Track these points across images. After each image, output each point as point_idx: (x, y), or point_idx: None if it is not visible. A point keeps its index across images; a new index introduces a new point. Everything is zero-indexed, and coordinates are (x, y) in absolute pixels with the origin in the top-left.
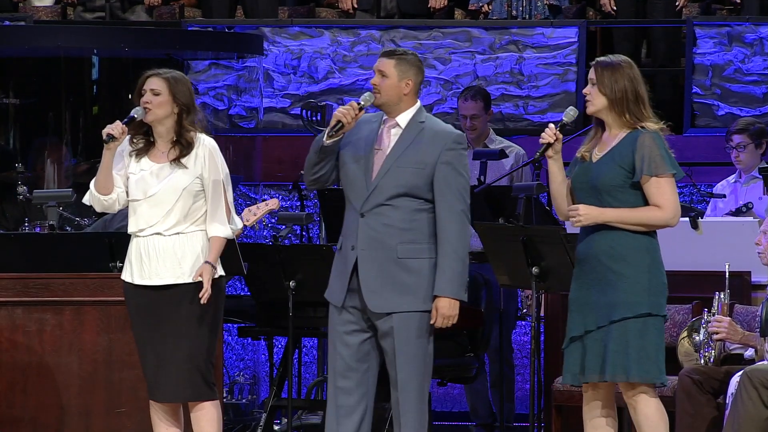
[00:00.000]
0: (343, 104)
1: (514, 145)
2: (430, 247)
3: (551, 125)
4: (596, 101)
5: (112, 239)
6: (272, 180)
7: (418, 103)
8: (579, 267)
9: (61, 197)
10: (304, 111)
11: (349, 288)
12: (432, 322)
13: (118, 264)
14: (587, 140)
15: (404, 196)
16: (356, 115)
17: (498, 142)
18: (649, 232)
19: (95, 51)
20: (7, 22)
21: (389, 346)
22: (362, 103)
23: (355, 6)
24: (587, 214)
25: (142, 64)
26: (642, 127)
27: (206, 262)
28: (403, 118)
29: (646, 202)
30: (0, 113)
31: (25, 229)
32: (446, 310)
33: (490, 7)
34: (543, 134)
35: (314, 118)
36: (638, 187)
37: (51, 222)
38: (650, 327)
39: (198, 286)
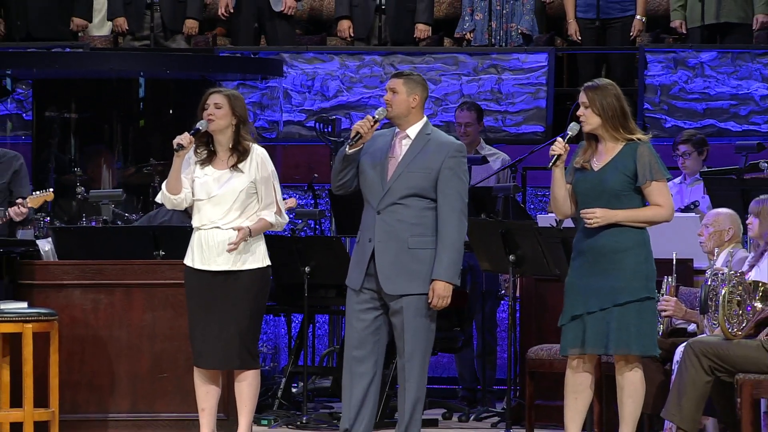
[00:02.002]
0: (350, 118)
1: (500, 152)
2: (436, 240)
3: (559, 139)
4: (591, 120)
5: (156, 232)
6: (290, 182)
7: (425, 118)
8: (581, 258)
9: (113, 196)
10: (317, 124)
11: (366, 273)
12: (429, 301)
13: (161, 253)
14: (581, 152)
15: (414, 197)
16: (372, 126)
17: (487, 150)
18: (643, 228)
19: (141, 73)
20: (68, 49)
21: (399, 323)
22: (377, 116)
23: (352, 35)
24: (604, 216)
25: (180, 84)
26: (638, 139)
27: (248, 227)
28: (413, 131)
29: (644, 203)
30: (63, 126)
31: (82, 223)
32: (441, 291)
33: (473, 36)
34: (554, 147)
35: (326, 130)
36: (639, 191)
37: (104, 217)
38: (647, 308)
39: (248, 272)
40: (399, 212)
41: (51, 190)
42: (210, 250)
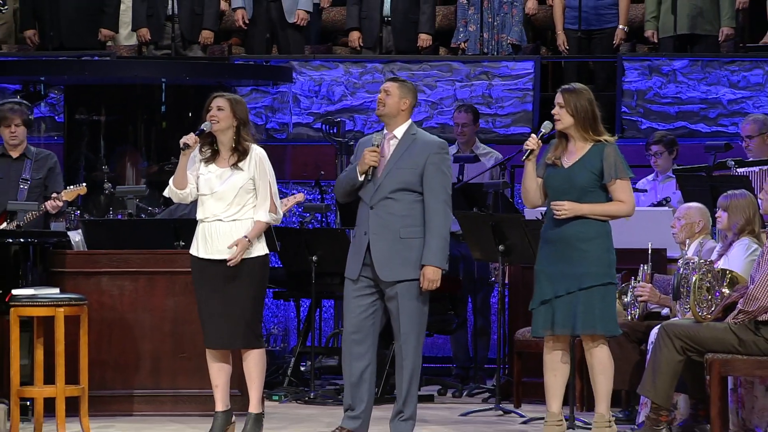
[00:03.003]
0: (353, 120)
1: (494, 151)
2: (424, 229)
3: (533, 135)
4: (564, 120)
5: (177, 224)
6: (299, 179)
7: (410, 121)
8: (549, 246)
9: (138, 192)
10: (323, 125)
11: (363, 263)
12: (420, 285)
13: (181, 243)
14: (552, 149)
15: (403, 191)
16: (377, 153)
17: (482, 149)
18: (606, 221)
19: (163, 80)
20: (96, 57)
21: (394, 307)
22: (376, 143)
23: (361, 44)
24: (572, 208)
25: (199, 90)
26: (605, 140)
27: (245, 236)
28: (399, 131)
29: (608, 199)
30: (91, 127)
31: (109, 216)
32: (431, 275)
33: (466, 45)
34: (527, 142)
35: (332, 131)
36: (604, 188)
37: (129, 211)
38: (610, 292)
39: (248, 260)
40: (390, 206)
41: (84, 184)
42: (213, 241)
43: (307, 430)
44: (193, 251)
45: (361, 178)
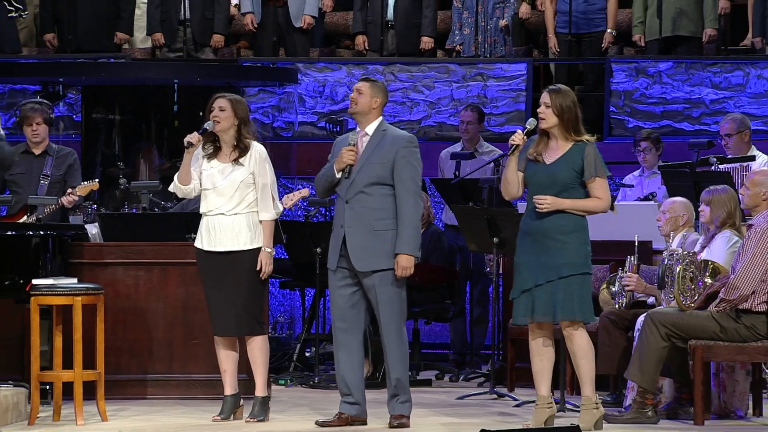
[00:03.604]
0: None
1: (496, 149)
2: (396, 221)
3: (519, 131)
4: (550, 119)
5: (188, 218)
6: (304, 174)
7: (381, 118)
8: (529, 238)
9: (151, 187)
10: (327, 124)
11: (341, 255)
12: (396, 273)
13: (192, 236)
14: (533, 145)
15: (375, 185)
16: (353, 151)
17: (485, 147)
18: (584, 216)
19: (175, 81)
20: (112, 60)
21: (373, 297)
22: (352, 142)
23: (367, 48)
24: (553, 203)
25: (209, 90)
26: (586, 140)
27: (264, 248)
28: (371, 128)
29: (585, 195)
30: (107, 126)
31: (124, 210)
32: (404, 263)
33: (462, 48)
34: (513, 138)
35: (335, 129)
36: (584, 185)
37: (144, 205)
38: (587, 281)
39: (250, 251)
40: (363, 200)
41: (96, 180)
42: (216, 234)
43: (311, 413)
44: (197, 244)
45: (338, 176)
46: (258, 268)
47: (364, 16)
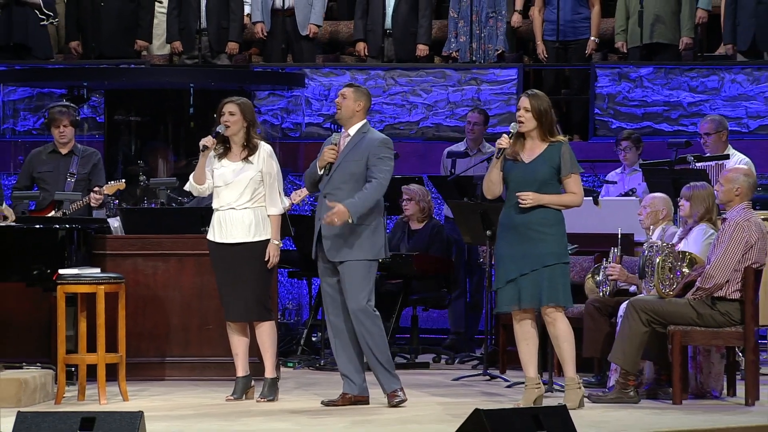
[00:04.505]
0: None
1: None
2: (370, 216)
3: (505, 135)
4: (529, 123)
5: (203, 212)
6: None
7: (365, 121)
8: (511, 231)
9: (169, 183)
10: (332, 125)
11: (317, 246)
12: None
13: (207, 229)
14: (510, 146)
15: (350, 182)
16: (335, 151)
17: (488, 147)
18: (560, 210)
19: (191, 85)
20: (132, 65)
21: (342, 285)
22: (334, 142)
23: (367, 54)
24: (535, 198)
25: (223, 94)
26: (560, 140)
27: (272, 240)
28: (353, 130)
29: (561, 191)
30: (128, 127)
31: (144, 205)
32: (340, 213)
33: (458, 54)
34: (500, 141)
35: (339, 130)
36: (560, 181)
37: (161, 200)
38: (567, 270)
39: (258, 243)
40: (339, 195)
41: (123, 180)
42: (227, 227)
43: (317, 392)
44: (209, 237)
45: (320, 172)
46: (266, 259)
47: (364, 24)
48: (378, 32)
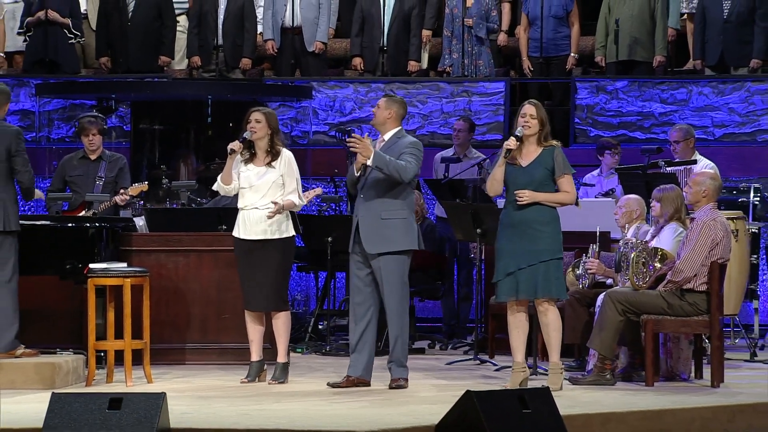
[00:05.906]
0: (361, 129)
1: (482, 154)
2: (402, 211)
3: (513, 138)
4: (534, 128)
5: (220, 212)
6: (318, 175)
7: (400, 127)
8: (511, 228)
9: (189, 186)
10: (337, 133)
11: (354, 240)
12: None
13: (224, 227)
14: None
15: (383, 180)
16: (363, 142)
17: (474, 153)
18: (555, 208)
19: (209, 97)
20: (156, 79)
21: (378, 277)
22: (365, 137)
23: (363, 68)
24: (531, 196)
25: (238, 105)
26: (553, 144)
27: (281, 203)
28: (388, 135)
29: (555, 190)
30: (152, 135)
31: (166, 206)
32: (365, 148)
33: (451, 69)
34: (508, 142)
35: (344, 138)
36: (554, 182)
37: (183, 201)
38: (560, 265)
39: (278, 240)
40: (373, 194)
41: (146, 182)
42: (251, 225)
43: (323, 376)
44: (235, 233)
45: (357, 173)
46: (274, 202)
47: (361, 41)
48: (374, 48)
